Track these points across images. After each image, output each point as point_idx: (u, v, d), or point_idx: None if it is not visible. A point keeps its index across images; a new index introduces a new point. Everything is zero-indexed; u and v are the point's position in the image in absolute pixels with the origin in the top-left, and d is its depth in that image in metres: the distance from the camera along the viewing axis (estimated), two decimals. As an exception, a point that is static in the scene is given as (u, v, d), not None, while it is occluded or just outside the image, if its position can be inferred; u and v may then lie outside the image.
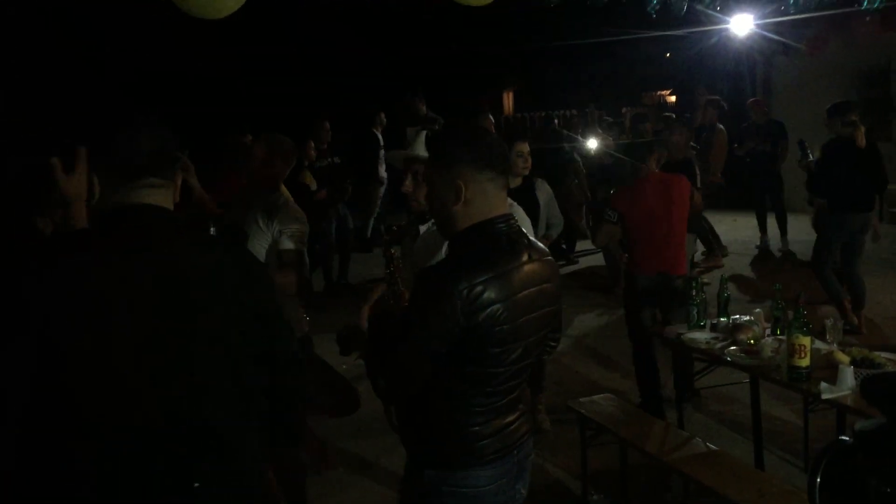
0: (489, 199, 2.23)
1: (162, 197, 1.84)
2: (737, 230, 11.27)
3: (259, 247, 3.76)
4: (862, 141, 6.38)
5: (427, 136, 3.37)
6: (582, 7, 6.21)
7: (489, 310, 2.10)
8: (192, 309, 1.72)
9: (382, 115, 11.00)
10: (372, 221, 11.06)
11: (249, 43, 12.05)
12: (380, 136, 10.88)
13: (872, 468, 1.27)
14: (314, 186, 8.26)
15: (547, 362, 5.16)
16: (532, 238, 2.39)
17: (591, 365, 6.52)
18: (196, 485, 1.68)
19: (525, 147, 5.27)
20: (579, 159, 9.93)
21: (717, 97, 9.69)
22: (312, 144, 8.70)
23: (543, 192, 5.39)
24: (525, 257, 2.25)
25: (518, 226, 2.32)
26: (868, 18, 7.62)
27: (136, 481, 1.65)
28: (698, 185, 6.47)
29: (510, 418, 2.31)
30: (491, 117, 8.02)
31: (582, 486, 4.37)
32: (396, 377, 2.22)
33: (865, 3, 5.25)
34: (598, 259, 9.44)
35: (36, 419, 1.63)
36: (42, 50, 10.11)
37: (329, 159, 8.98)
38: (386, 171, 10.76)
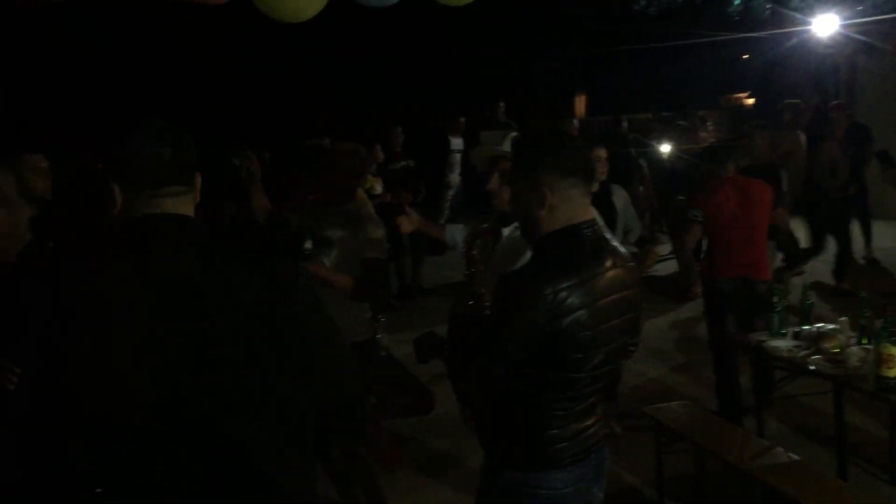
0: (574, 205, 2.24)
1: (183, 204, 1.80)
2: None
3: (343, 256, 3.77)
4: None
5: (514, 139, 3.39)
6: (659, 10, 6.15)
7: (573, 315, 2.10)
8: (198, 314, 1.67)
9: (461, 119, 11.01)
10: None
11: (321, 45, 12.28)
12: (451, 140, 10.92)
13: None
14: (378, 190, 8.35)
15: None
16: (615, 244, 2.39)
17: (663, 370, 6.43)
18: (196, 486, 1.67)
19: (602, 152, 5.25)
20: (645, 165, 9.78)
21: (797, 101, 9.45)
22: (379, 148, 8.79)
23: (620, 197, 5.34)
24: (608, 263, 2.24)
25: (602, 231, 2.33)
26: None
27: (136, 481, 1.65)
28: (784, 189, 6.32)
29: (588, 422, 2.31)
30: (575, 122, 7.96)
31: (657, 492, 4.32)
32: (477, 380, 2.24)
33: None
34: (666, 265, 9.26)
35: (36, 420, 1.65)
36: (48, 53, 10.37)
37: (403, 163, 9.06)
38: (460, 174, 10.79)
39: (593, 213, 2.30)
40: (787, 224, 6.30)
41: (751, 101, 16.35)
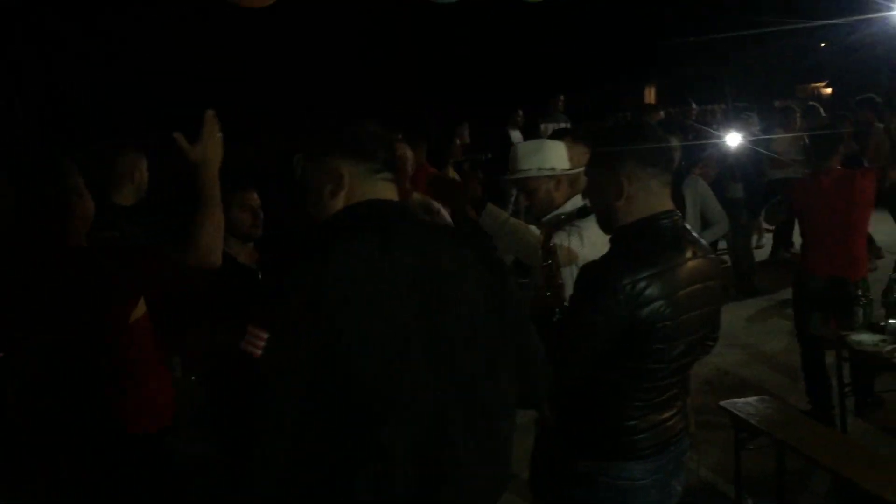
0: (652, 196, 2.23)
1: (393, 192, 1.90)
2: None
3: None
4: None
5: (556, 130, 3.42)
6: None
7: (652, 306, 2.10)
8: (453, 294, 1.78)
9: (520, 113, 11.02)
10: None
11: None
12: (513, 135, 10.91)
13: None
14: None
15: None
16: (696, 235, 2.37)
17: (739, 365, 6.31)
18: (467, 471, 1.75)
19: (674, 141, 5.15)
20: (708, 156, 9.53)
21: (871, 95, 9.13)
22: (458, 142, 8.85)
23: (693, 189, 5.23)
24: (689, 254, 2.23)
25: (682, 222, 2.30)
26: None
27: (416, 472, 1.68)
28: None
29: (667, 414, 2.30)
30: (662, 113, 7.85)
31: (735, 489, 4.25)
32: (556, 369, 2.25)
33: None
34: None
35: (313, 411, 1.66)
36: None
37: (473, 157, 9.10)
38: None
39: (672, 205, 2.28)
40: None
41: (828, 90, 15.91)
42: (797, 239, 6.92)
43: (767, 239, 9.80)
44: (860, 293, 4.42)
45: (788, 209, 4.99)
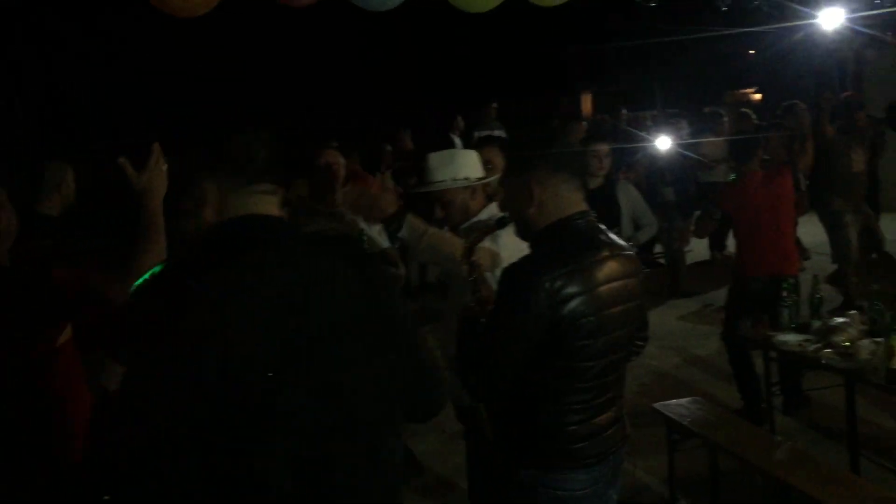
0: (563, 200, 2.29)
1: (273, 203, 1.82)
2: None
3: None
4: None
5: (477, 140, 3.45)
6: (659, 6, 6.12)
7: (572, 302, 2.15)
8: (326, 319, 1.70)
9: (460, 119, 11.08)
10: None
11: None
12: (456, 141, 10.96)
13: None
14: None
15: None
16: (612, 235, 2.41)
17: (673, 367, 6.41)
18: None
19: (601, 147, 5.22)
20: (636, 161, 9.68)
21: (796, 101, 9.37)
22: (389, 149, 8.83)
23: (626, 193, 5.30)
24: (606, 252, 2.28)
25: (596, 222, 2.36)
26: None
27: (294, 491, 1.64)
28: (801, 188, 6.31)
29: (606, 417, 2.32)
30: (584, 123, 7.99)
31: (669, 490, 4.30)
32: (490, 376, 2.25)
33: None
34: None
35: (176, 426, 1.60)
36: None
37: (402, 165, 9.10)
38: None
39: (585, 206, 2.34)
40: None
41: (758, 96, 16.32)
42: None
43: (696, 242, 9.99)
44: (785, 294, 4.51)
45: (721, 215, 5.11)
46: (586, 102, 19.36)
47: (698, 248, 9.58)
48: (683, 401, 4.51)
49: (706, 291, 8.44)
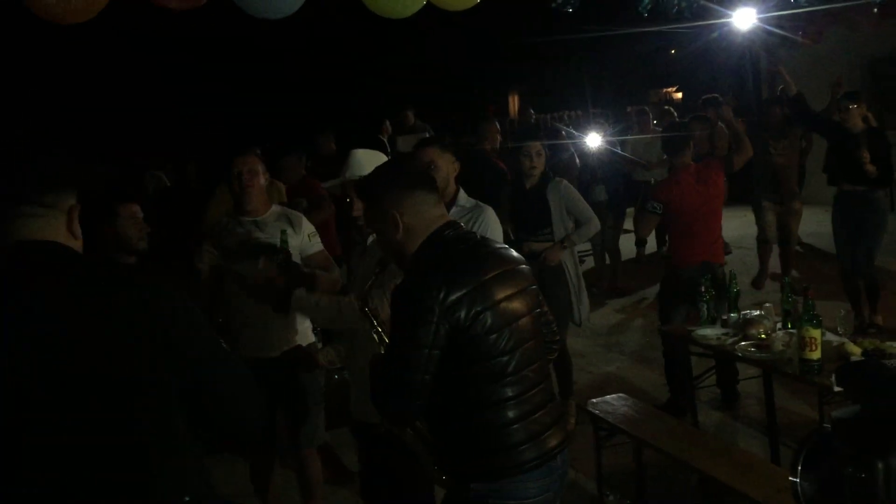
0: (426, 217, 2.37)
1: (39, 229, 1.74)
2: (748, 226, 11.20)
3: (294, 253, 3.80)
4: (855, 124, 6.33)
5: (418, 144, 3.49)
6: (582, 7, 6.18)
7: (464, 304, 2.20)
8: (84, 348, 1.66)
9: (388, 123, 11.08)
10: None
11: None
12: (386, 143, 10.95)
13: (848, 456, 1.28)
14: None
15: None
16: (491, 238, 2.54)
17: (603, 364, 6.50)
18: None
19: (532, 146, 5.23)
20: (571, 158, 9.84)
21: (715, 95, 9.63)
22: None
23: (556, 192, 5.32)
24: (481, 250, 2.37)
25: (464, 229, 2.46)
26: (868, 9, 7.58)
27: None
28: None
29: (542, 418, 2.34)
30: (497, 124, 8.07)
31: (597, 486, 4.36)
32: (400, 393, 2.24)
33: (865, -7, 5.23)
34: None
35: None
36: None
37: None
38: None
39: (482, 210, 2.47)
40: None
41: (679, 94, 16.70)
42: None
43: (626, 239, 10.16)
44: (703, 289, 4.62)
45: (660, 210, 5.22)
46: (514, 102, 19.55)
47: (628, 246, 9.74)
48: (610, 397, 4.58)
49: (639, 289, 8.60)
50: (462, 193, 3.52)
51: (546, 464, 2.32)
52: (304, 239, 3.95)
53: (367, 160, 3.31)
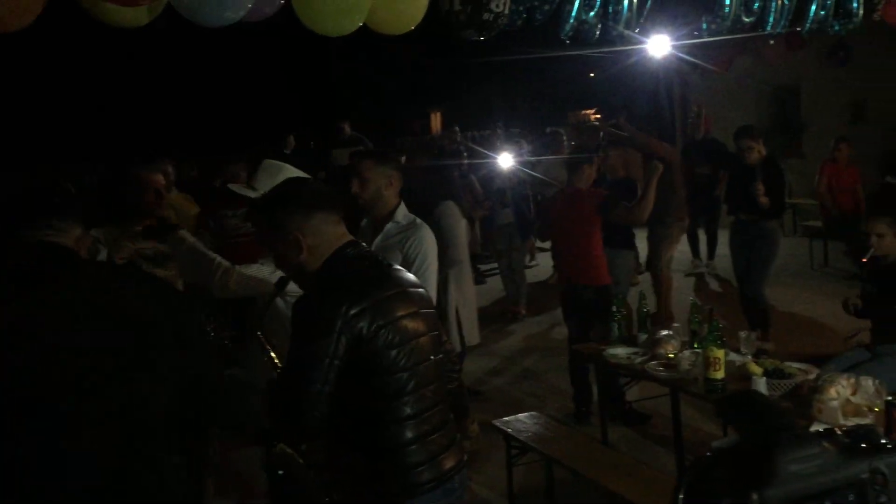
0: (329, 237, 2.38)
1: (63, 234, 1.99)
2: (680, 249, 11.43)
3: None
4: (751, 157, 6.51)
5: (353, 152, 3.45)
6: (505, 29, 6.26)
7: (366, 316, 2.21)
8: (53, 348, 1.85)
9: (291, 138, 10.98)
10: None
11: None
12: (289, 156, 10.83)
13: (727, 485, 1.31)
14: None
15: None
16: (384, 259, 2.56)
17: (515, 382, 6.55)
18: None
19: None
20: (474, 178, 9.89)
21: (617, 118, 9.76)
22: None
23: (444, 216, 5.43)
24: (381, 270, 2.40)
25: (366, 248, 2.49)
26: (773, 42, 7.91)
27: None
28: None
29: (440, 438, 2.34)
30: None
31: (508, 503, 4.38)
32: (300, 407, 2.22)
33: (769, 27, 5.45)
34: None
35: None
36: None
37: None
38: None
39: (350, 237, 2.44)
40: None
41: (597, 116, 17.06)
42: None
43: (540, 258, 10.27)
44: (615, 308, 4.71)
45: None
46: (436, 119, 19.65)
47: (542, 268, 9.83)
48: (522, 416, 4.62)
49: (550, 309, 8.65)
50: (401, 209, 3.48)
51: (442, 486, 2.32)
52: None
53: (265, 174, 3.27)
